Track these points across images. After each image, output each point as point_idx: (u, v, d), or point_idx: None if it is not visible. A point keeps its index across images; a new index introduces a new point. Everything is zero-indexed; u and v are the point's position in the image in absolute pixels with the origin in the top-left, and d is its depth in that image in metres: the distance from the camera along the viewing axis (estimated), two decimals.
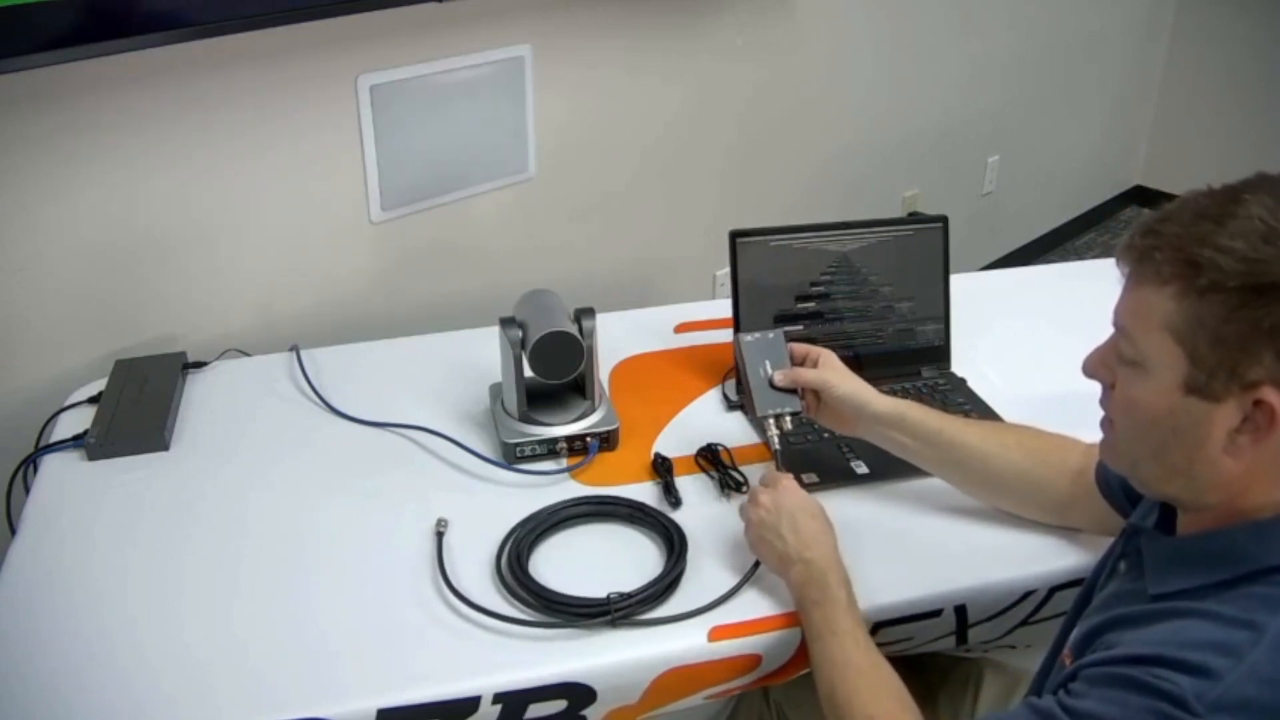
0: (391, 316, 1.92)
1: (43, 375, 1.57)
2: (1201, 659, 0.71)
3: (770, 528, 1.08)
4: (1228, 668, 0.71)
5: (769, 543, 1.08)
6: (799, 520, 1.07)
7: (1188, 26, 3.62)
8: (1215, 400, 0.76)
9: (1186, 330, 0.75)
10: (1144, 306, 0.78)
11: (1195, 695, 0.70)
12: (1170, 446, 0.80)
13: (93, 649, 1.04)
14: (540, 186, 2.11)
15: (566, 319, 1.32)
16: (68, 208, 1.53)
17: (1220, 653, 0.72)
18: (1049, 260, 3.54)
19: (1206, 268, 0.74)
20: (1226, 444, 0.76)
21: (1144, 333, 0.78)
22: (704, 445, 1.33)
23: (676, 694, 1.07)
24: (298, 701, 0.98)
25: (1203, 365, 0.75)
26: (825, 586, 1.02)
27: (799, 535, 1.06)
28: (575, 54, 2.06)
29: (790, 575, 1.06)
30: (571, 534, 1.21)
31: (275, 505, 1.24)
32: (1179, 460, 0.80)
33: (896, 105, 2.82)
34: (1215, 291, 0.74)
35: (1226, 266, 0.73)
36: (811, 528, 1.07)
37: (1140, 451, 0.83)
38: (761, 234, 1.45)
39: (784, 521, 1.08)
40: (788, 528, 1.07)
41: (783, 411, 1.20)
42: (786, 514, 1.08)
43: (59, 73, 1.40)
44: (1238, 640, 0.72)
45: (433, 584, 1.13)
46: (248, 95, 1.65)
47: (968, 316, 1.54)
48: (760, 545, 1.10)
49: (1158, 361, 0.78)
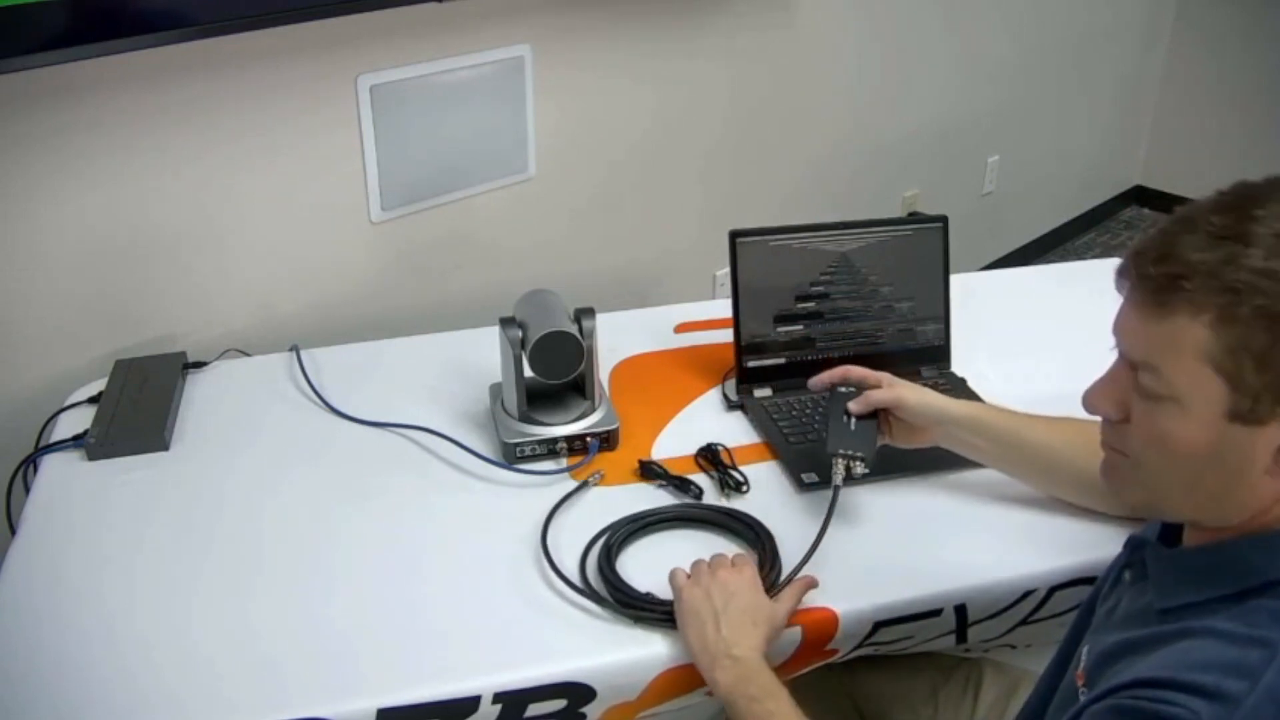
0: (391, 316, 1.92)
1: (43, 375, 1.57)
2: (1216, 682, 0.69)
3: (706, 615, 1.01)
4: (1243, 691, 0.69)
5: (696, 630, 1.01)
6: (736, 620, 1.01)
7: (1188, 27, 3.62)
8: (1260, 424, 0.74)
9: (1228, 359, 0.73)
10: (1173, 339, 0.75)
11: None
12: (1206, 476, 0.77)
13: (92, 649, 1.04)
14: (540, 186, 2.11)
15: (566, 319, 1.32)
16: (68, 207, 1.53)
17: (1234, 674, 0.70)
18: (1049, 260, 3.54)
19: (1246, 293, 0.72)
20: (1270, 465, 0.75)
21: (1176, 365, 0.75)
22: (704, 445, 1.33)
23: (675, 692, 1.07)
24: (297, 701, 0.98)
25: (1248, 391, 0.73)
26: (761, 683, 0.97)
27: (735, 632, 1.00)
28: (575, 54, 2.06)
29: (715, 674, 0.99)
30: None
31: (275, 505, 1.24)
32: (1215, 488, 0.78)
33: (897, 105, 2.82)
34: (1261, 317, 0.71)
35: (1270, 290, 0.71)
36: (744, 621, 1.01)
37: (1169, 483, 0.80)
38: (761, 234, 1.45)
39: (724, 616, 1.01)
40: (726, 622, 1.01)
41: (854, 455, 1.18)
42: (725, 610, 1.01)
43: (59, 73, 1.40)
44: (1251, 660, 0.70)
45: (434, 583, 1.13)
46: (247, 95, 1.65)
47: (968, 316, 1.54)
48: (686, 629, 1.03)
49: (1194, 394, 0.75)
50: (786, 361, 1.47)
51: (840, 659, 1.15)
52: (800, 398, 1.43)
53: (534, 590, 1.12)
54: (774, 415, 1.40)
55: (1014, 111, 3.20)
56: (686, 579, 1.06)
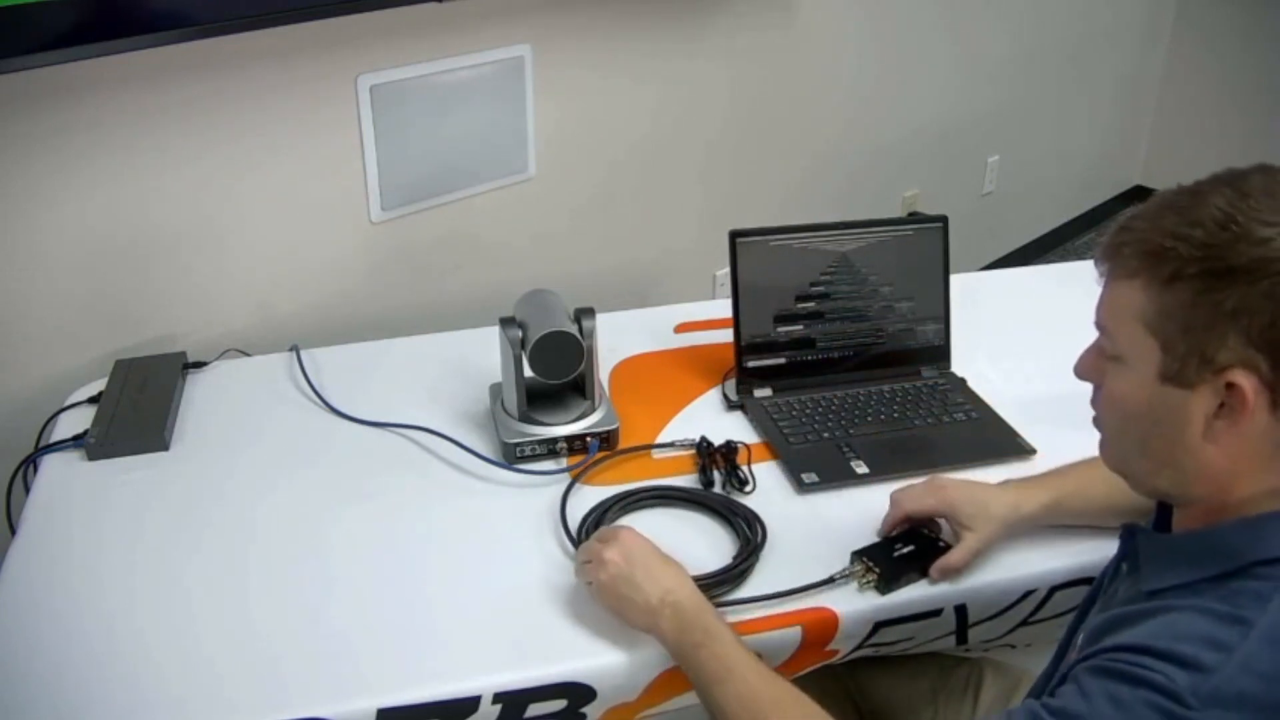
0: (392, 316, 1.92)
1: (43, 375, 1.57)
2: (1193, 652, 0.71)
3: (625, 580, 1.03)
4: (1219, 661, 0.71)
5: (627, 598, 1.02)
6: (652, 566, 1.03)
7: (1188, 26, 3.62)
8: (1190, 387, 0.77)
9: (1156, 320, 0.77)
10: (1118, 301, 0.80)
11: (1189, 689, 0.70)
12: (1153, 438, 0.81)
13: (92, 649, 1.04)
14: (540, 186, 2.11)
15: (566, 319, 1.32)
16: (68, 207, 1.53)
17: (1211, 647, 0.72)
18: (1049, 260, 3.54)
19: (1169, 257, 0.76)
20: (1205, 430, 0.77)
21: (1120, 327, 0.80)
22: (724, 442, 1.32)
23: (675, 691, 1.07)
24: (297, 701, 0.98)
25: (1174, 353, 0.77)
26: (704, 627, 0.99)
27: (657, 581, 1.02)
28: (575, 54, 2.06)
29: (661, 626, 1.00)
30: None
31: (275, 505, 1.24)
32: (1163, 451, 0.81)
33: (897, 105, 2.82)
34: (1178, 279, 0.76)
35: (1186, 254, 0.75)
36: (667, 570, 1.03)
37: (1128, 446, 0.85)
38: (761, 234, 1.45)
39: (638, 571, 1.03)
40: (643, 576, 1.02)
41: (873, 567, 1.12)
42: (639, 563, 1.03)
43: (59, 73, 1.40)
44: (1228, 635, 0.72)
45: (433, 583, 1.13)
46: (247, 95, 1.65)
47: (968, 316, 1.54)
48: (619, 603, 1.04)
49: (1134, 354, 0.80)
50: (786, 361, 1.47)
51: (841, 659, 1.15)
52: (800, 398, 1.44)
53: (534, 590, 1.12)
54: (774, 415, 1.40)
55: (1014, 111, 3.20)
56: (584, 566, 1.07)
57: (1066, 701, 0.75)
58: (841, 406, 1.42)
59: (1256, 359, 0.74)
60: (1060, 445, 1.18)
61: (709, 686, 0.97)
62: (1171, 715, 0.70)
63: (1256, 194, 0.75)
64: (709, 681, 0.97)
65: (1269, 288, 0.73)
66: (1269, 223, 0.73)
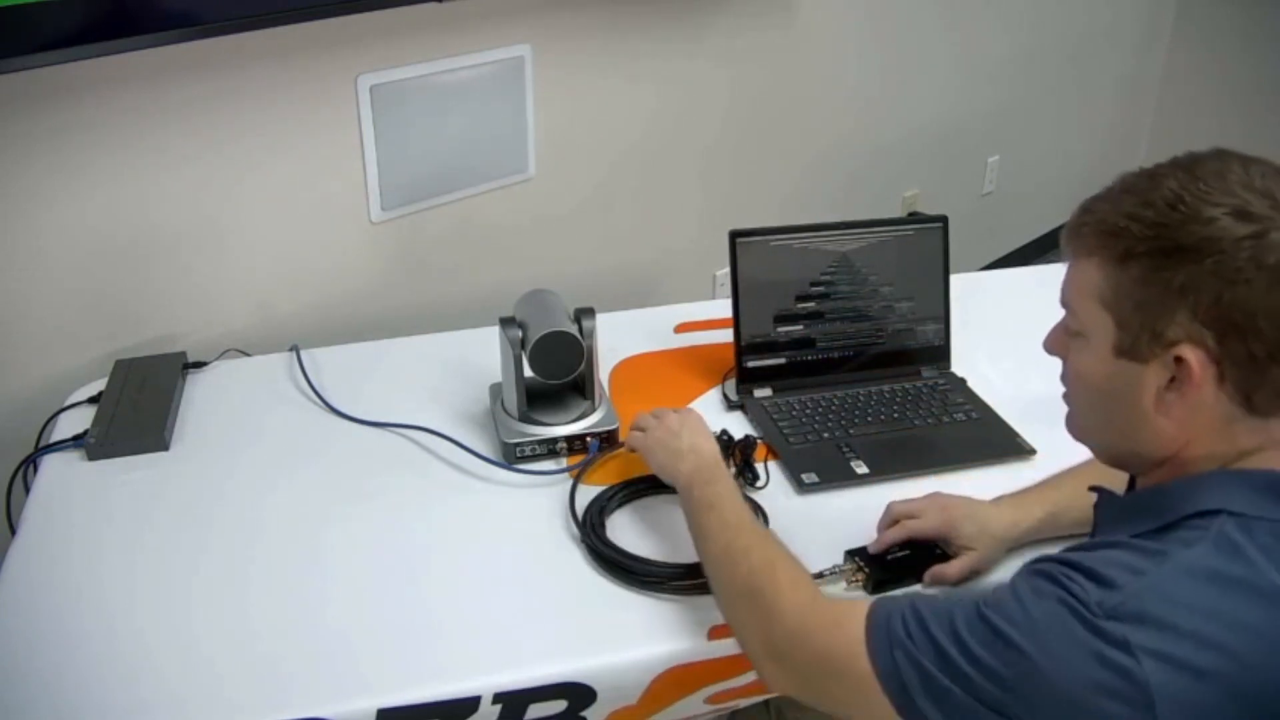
0: (391, 316, 1.92)
1: (43, 375, 1.57)
2: (1109, 573, 0.76)
3: (671, 432, 1.18)
4: (1129, 582, 0.76)
5: (664, 443, 1.17)
6: (698, 431, 1.18)
7: (1188, 26, 3.62)
8: (1143, 361, 0.81)
9: (1112, 297, 0.81)
10: (1078, 279, 0.85)
11: (1096, 601, 0.75)
12: (1112, 410, 0.85)
13: (92, 649, 1.04)
14: (540, 186, 2.11)
15: (566, 319, 1.32)
16: (68, 207, 1.53)
17: (1128, 571, 0.76)
18: (1049, 260, 3.53)
19: (1123, 236, 0.80)
20: (1157, 402, 0.81)
21: (1080, 304, 0.85)
22: (743, 436, 1.33)
23: (676, 695, 1.07)
24: (297, 701, 0.98)
25: (1128, 329, 0.81)
26: (712, 472, 1.11)
27: (695, 437, 1.17)
28: (575, 54, 2.06)
29: (681, 468, 1.13)
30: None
31: (275, 505, 1.24)
32: (1120, 422, 0.84)
33: (896, 105, 2.82)
34: (1130, 258, 0.80)
35: (1138, 233, 0.79)
36: (704, 438, 1.17)
37: (1091, 419, 0.89)
38: (761, 234, 1.45)
39: (685, 430, 1.18)
40: (688, 431, 1.18)
41: (864, 569, 1.13)
42: (689, 427, 1.19)
43: (59, 73, 1.40)
44: (1145, 564, 0.77)
45: (433, 583, 1.13)
46: (247, 95, 1.65)
47: (968, 316, 1.54)
48: (654, 446, 1.18)
49: (1093, 330, 0.84)
50: (786, 361, 1.47)
51: None
52: (800, 398, 1.44)
53: (534, 590, 1.12)
54: (774, 415, 1.40)
55: (1014, 111, 3.20)
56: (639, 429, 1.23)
57: (1000, 596, 0.81)
58: (841, 406, 1.42)
59: (1204, 335, 0.77)
60: (1060, 445, 1.17)
61: (700, 514, 1.07)
62: (1077, 616, 0.75)
63: (1208, 176, 0.79)
64: (703, 508, 1.07)
65: (1214, 266, 0.76)
66: (1216, 203, 0.77)
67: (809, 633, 0.90)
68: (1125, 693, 0.72)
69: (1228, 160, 0.81)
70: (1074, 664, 0.74)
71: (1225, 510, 0.78)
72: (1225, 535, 0.77)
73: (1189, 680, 0.72)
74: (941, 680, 0.79)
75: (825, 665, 0.88)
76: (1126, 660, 0.72)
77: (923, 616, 0.82)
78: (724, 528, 1.03)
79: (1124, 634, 0.73)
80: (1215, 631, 0.73)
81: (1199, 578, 0.75)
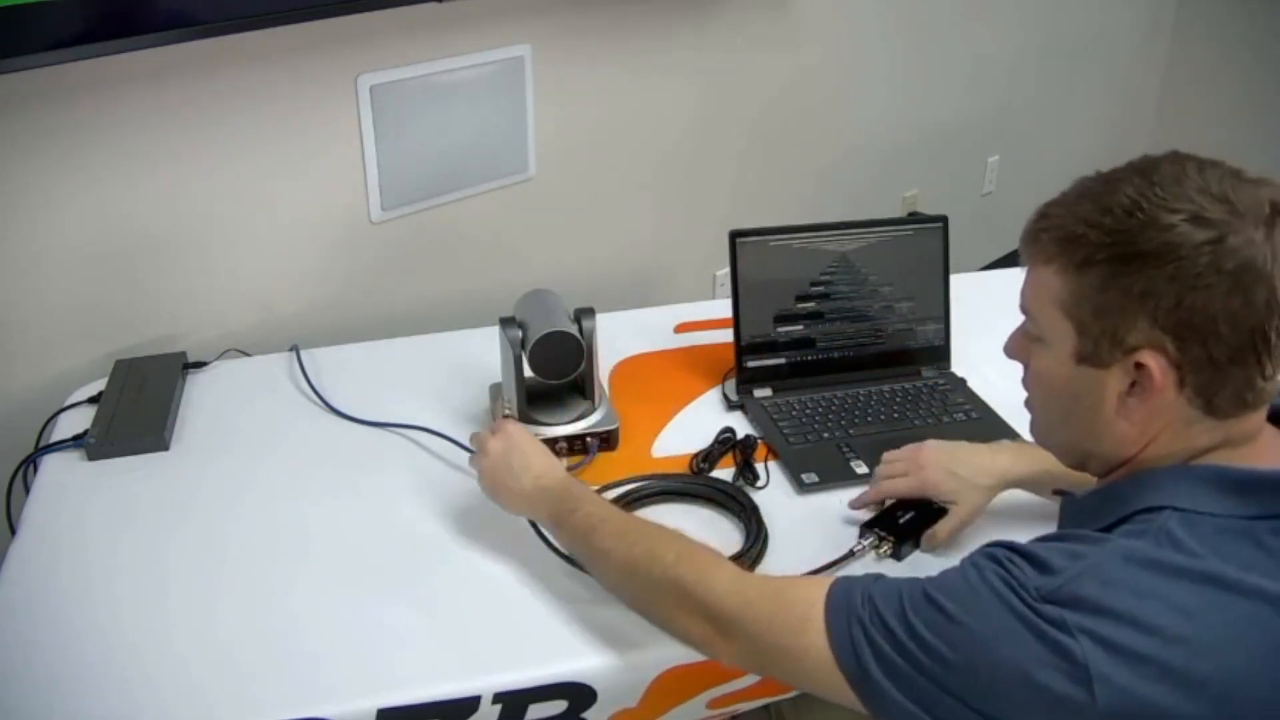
0: (391, 316, 1.92)
1: (43, 375, 1.57)
2: (1050, 559, 0.78)
3: (503, 468, 1.12)
4: (1067, 568, 0.77)
5: (504, 486, 1.12)
6: (528, 454, 1.12)
7: (1189, 26, 3.62)
8: (1104, 367, 0.81)
9: (1072, 303, 0.82)
10: (1037, 285, 0.85)
11: (1034, 585, 0.77)
12: (1073, 414, 0.86)
13: (92, 648, 1.04)
14: (540, 186, 2.11)
15: (566, 319, 1.32)
16: (68, 207, 1.53)
17: (1068, 557, 0.78)
18: None
19: (1081, 243, 0.80)
20: (1119, 407, 0.82)
21: (1040, 310, 0.85)
22: (744, 435, 1.33)
23: (677, 697, 1.07)
24: (298, 701, 0.98)
25: (1089, 335, 0.81)
26: (573, 496, 1.08)
27: (529, 468, 1.11)
28: (575, 54, 2.06)
29: (538, 510, 1.10)
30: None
31: (275, 505, 1.24)
32: (1082, 426, 0.86)
33: (897, 105, 2.82)
34: (1090, 265, 0.80)
35: (1097, 240, 0.79)
36: (541, 458, 1.12)
37: (1052, 422, 0.90)
38: (761, 234, 1.45)
39: (514, 458, 1.12)
40: (519, 464, 1.11)
41: (884, 540, 1.14)
42: (516, 451, 1.12)
43: (58, 73, 1.40)
44: (1085, 550, 0.78)
45: (434, 583, 1.13)
46: (248, 95, 1.65)
47: (968, 316, 1.54)
48: (498, 491, 1.13)
49: (1053, 335, 0.84)
50: (786, 361, 1.47)
51: None
52: (800, 398, 1.44)
53: (534, 590, 1.12)
54: (774, 415, 1.40)
55: (1014, 111, 3.20)
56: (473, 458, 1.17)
57: (947, 577, 0.83)
58: (841, 406, 1.42)
59: (1164, 340, 0.78)
60: None
61: (584, 538, 1.04)
62: (1016, 595, 0.77)
63: (1164, 182, 0.79)
64: (583, 534, 1.04)
65: (1173, 271, 0.76)
66: (1174, 209, 0.77)
67: (749, 603, 0.91)
68: (1063, 669, 0.73)
69: (1184, 164, 0.81)
70: (1014, 642, 0.75)
71: (1170, 506, 0.79)
72: (1166, 529, 0.77)
73: (1125, 661, 0.73)
74: (892, 656, 0.80)
75: (772, 634, 0.89)
76: (1065, 639, 0.74)
77: (873, 596, 0.84)
78: (618, 540, 1.02)
79: (1061, 616, 0.74)
80: (1152, 614, 0.74)
81: (1135, 563, 0.76)
